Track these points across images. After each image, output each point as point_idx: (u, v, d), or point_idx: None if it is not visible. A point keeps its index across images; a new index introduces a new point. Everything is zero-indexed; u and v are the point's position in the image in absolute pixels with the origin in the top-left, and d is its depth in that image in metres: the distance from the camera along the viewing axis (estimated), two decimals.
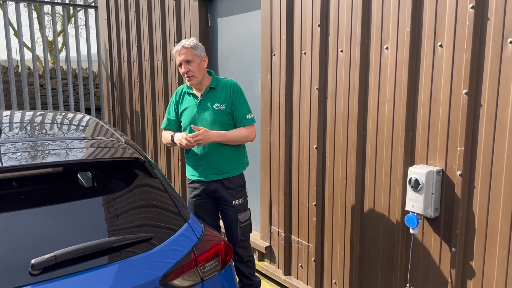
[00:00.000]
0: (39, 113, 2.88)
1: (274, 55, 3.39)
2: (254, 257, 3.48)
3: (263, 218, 3.71)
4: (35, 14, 13.09)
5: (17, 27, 6.17)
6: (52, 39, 7.98)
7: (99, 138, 2.33)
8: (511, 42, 2.08)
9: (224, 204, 2.95)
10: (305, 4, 3.07)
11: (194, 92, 2.95)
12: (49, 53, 12.52)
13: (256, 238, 3.76)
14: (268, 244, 3.68)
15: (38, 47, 14.14)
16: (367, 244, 2.88)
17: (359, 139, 2.82)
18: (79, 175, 2.18)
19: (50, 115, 2.82)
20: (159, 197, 2.10)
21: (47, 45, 7.82)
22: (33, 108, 7.60)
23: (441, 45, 2.35)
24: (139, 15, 5.06)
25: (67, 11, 9.06)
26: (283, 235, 3.50)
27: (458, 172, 2.32)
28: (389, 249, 2.74)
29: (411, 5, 2.43)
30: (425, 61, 2.43)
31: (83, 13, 7.05)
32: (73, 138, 2.32)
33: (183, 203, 2.20)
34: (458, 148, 2.31)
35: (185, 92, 3.00)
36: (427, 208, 2.42)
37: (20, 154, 1.98)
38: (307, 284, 3.35)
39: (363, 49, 2.72)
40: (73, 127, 2.61)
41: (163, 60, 4.72)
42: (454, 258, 2.40)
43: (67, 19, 6.98)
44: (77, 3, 7.17)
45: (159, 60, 4.81)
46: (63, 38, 14.81)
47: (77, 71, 6.91)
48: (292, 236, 3.46)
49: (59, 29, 14.68)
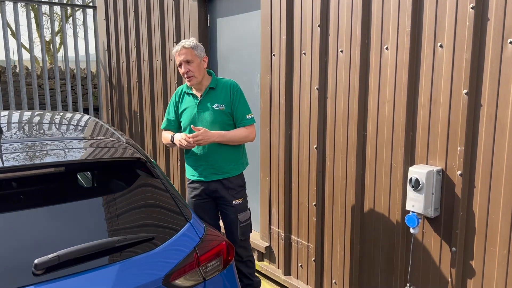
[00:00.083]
0: (39, 113, 2.87)
1: (274, 55, 3.39)
2: (254, 257, 3.49)
3: (263, 218, 3.71)
4: (32, 14, 13.07)
5: (15, 27, 6.16)
6: (50, 39, 7.94)
7: (99, 138, 2.33)
8: (511, 43, 2.09)
9: (224, 204, 2.96)
10: (305, 4, 3.07)
11: (194, 92, 2.95)
12: (47, 53, 12.49)
13: (256, 238, 3.76)
14: (268, 244, 3.69)
15: (36, 47, 14.13)
16: (367, 244, 2.89)
17: (359, 139, 2.82)
18: (81, 175, 2.18)
19: (52, 115, 2.81)
20: (160, 197, 2.10)
21: (45, 46, 7.78)
22: (31, 108, 7.58)
23: (441, 46, 2.36)
24: (138, 15, 5.05)
25: (65, 11, 9.04)
26: (283, 235, 3.50)
27: (458, 172, 2.33)
28: (389, 249, 2.75)
29: (411, 6, 2.44)
30: (425, 61, 2.44)
31: (81, 13, 7.04)
32: (74, 138, 2.32)
33: (185, 203, 2.20)
34: (458, 148, 2.31)
35: (184, 92, 3.00)
36: (427, 207, 2.43)
37: (25, 153, 1.98)
38: (307, 284, 3.35)
39: (363, 49, 2.73)
40: (74, 127, 2.61)
41: (162, 60, 4.71)
42: (454, 257, 2.41)
43: (65, 19, 6.95)
44: (75, 3, 7.15)
45: (158, 60, 4.80)
46: (61, 38, 14.79)
47: (75, 71, 6.89)
48: (292, 236, 3.46)
49: (57, 29, 14.65)
